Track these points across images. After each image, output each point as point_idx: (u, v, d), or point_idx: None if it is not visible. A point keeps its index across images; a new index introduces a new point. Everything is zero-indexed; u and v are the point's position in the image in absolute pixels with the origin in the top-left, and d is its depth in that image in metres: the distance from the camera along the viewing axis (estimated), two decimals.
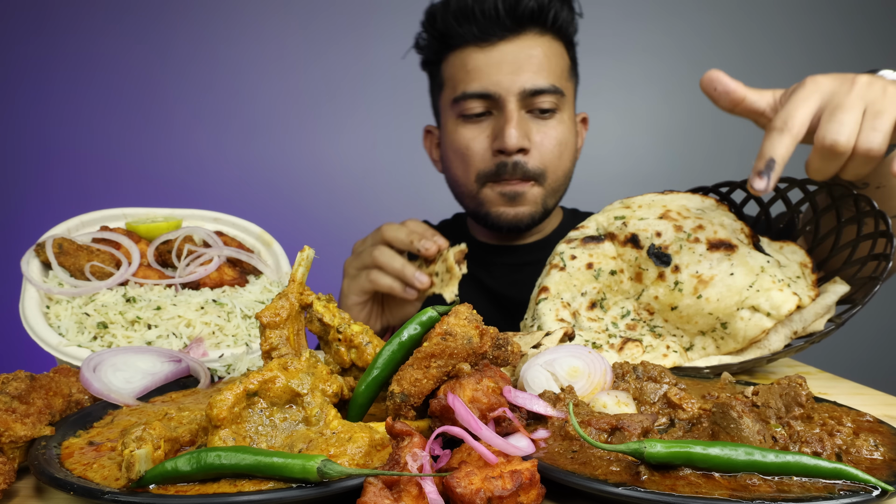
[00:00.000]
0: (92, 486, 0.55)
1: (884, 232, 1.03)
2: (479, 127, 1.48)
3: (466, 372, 0.67)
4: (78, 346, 0.96)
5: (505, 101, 1.43)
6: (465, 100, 1.46)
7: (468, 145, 1.49)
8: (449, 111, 1.53)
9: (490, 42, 1.44)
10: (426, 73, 1.66)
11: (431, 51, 1.56)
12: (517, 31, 1.44)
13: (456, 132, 1.51)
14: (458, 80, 1.49)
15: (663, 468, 0.57)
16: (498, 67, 1.43)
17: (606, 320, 1.14)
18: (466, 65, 1.47)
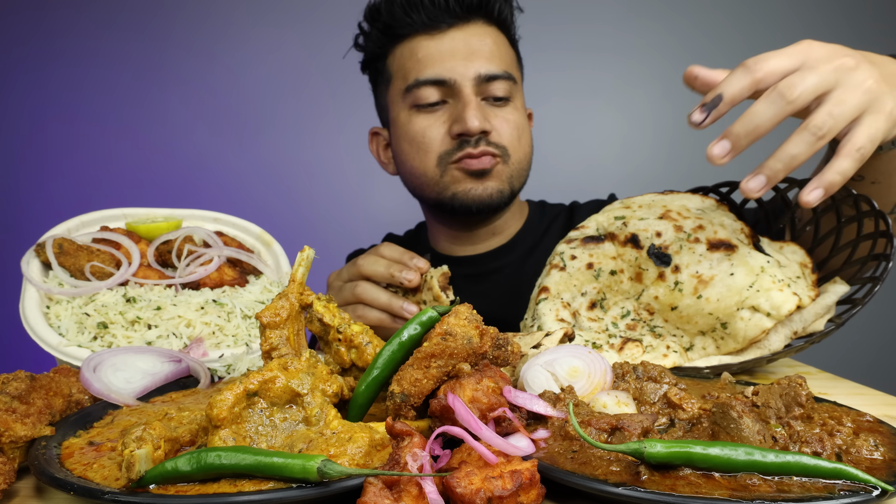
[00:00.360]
0: (92, 486, 0.55)
1: (884, 232, 1.03)
2: (434, 116, 1.46)
3: (466, 372, 0.67)
4: (78, 346, 0.96)
5: (461, 86, 1.42)
6: (419, 87, 1.44)
7: (425, 132, 1.46)
8: (400, 103, 1.50)
9: (440, 29, 1.44)
10: (367, 72, 1.63)
11: (376, 45, 1.53)
12: (465, 19, 1.45)
13: (410, 122, 1.48)
14: (409, 69, 1.46)
15: (663, 468, 0.57)
16: (451, 54, 1.43)
17: (606, 320, 1.14)
18: (417, 53, 1.45)
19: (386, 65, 1.54)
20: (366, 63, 1.61)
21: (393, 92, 1.53)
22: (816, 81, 0.88)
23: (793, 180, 1.19)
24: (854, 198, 1.08)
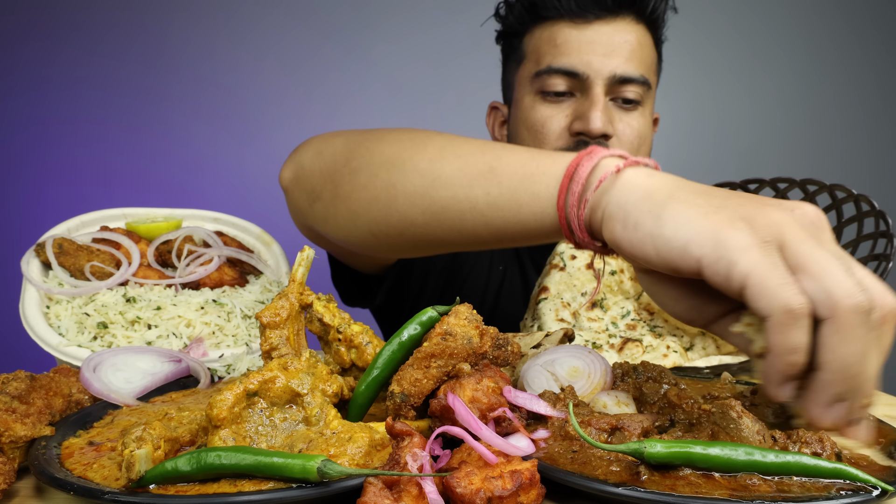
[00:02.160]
0: (92, 486, 0.55)
1: (884, 232, 1.03)
2: (559, 106, 1.40)
3: (466, 372, 0.67)
4: (78, 346, 0.96)
5: (592, 83, 1.36)
6: (550, 74, 1.38)
7: (545, 123, 1.41)
8: (527, 86, 1.45)
9: (585, 19, 1.37)
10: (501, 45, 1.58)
11: (517, 20, 1.48)
12: (614, 13, 1.38)
13: (533, 108, 1.43)
14: (544, 53, 1.40)
15: (663, 468, 0.57)
16: (590, 47, 1.36)
17: (606, 320, 1.14)
18: (556, 39, 1.39)
19: (522, 43, 1.48)
20: (502, 35, 1.56)
21: (522, 72, 1.48)
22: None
23: (792, 180, 1.19)
24: (854, 198, 1.08)
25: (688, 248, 0.61)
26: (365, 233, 0.97)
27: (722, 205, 0.63)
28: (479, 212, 0.83)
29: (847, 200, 1.10)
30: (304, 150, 1.10)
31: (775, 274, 0.57)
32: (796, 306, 0.56)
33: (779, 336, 0.57)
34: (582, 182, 0.72)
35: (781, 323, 0.56)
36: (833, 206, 1.13)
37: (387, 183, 0.91)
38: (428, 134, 0.94)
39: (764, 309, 0.57)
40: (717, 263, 0.59)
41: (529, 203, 0.78)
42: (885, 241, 1.04)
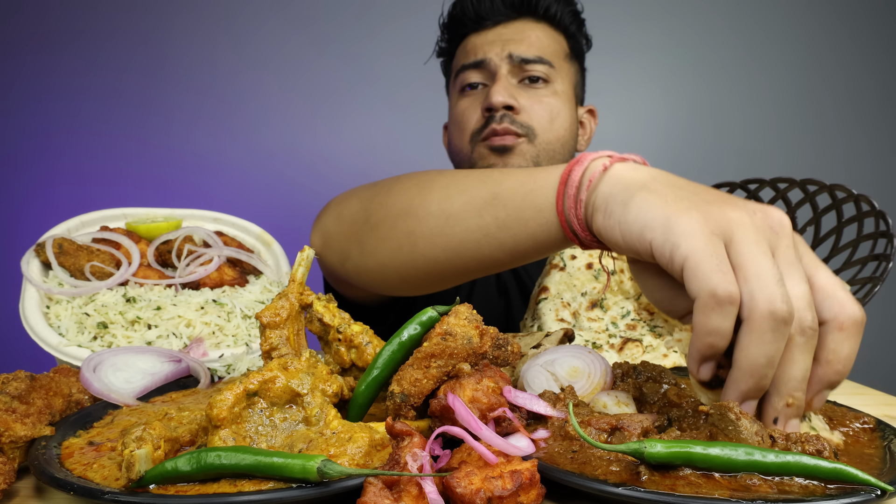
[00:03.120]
0: (92, 486, 0.55)
1: (884, 232, 1.03)
2: (474, 97, 1.58)
3: (466, 372, 0.67)
4: (78, 346, 0.96)
5: (496, 67, 1.53)
6: (463, 71, 1.58)
7: (464, 112, 1.58)
8: (454, 93, 1.65)
9: (485, 27, 1.58)
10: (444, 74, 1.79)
11: (448, 46, 1.70)
12: (511, 18, 1.57)
13: (456, 105, 1.62)
14: (459, 59, 1.62)
15: (663, 468, 0.57)
16: (491, 43, 1.56)
17: (606, 320, 1.14)
18: (466, 46, 1.60)
19: (451, 63, 1.71)
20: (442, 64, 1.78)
21: (451, 85, 1.68)
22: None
23: (792, 181, 1.19)
24: (854, 198, 1.08)
25: (643, 232, 0.66)
26: (395, 279, 1.06)
27: (686, 197, 0.67)
28: (493, 237, 0.89)
29: (847, 200, 1.10)
30: (326, 216, 1.21)
31: (711, 260, 0.60)
32: (721, 292, 0.59)
33: (701, 317, 0.60)
34: (575, 185, 0.78)
35: (705, 305, 0.59)
36: (833, 206, 1.13)
37: (406, 231, 0.99)
38: (430, 177, 1.02)
39: (693, 290, 0.60)
40: (663, 246, 0.63)
41: (535, 217, 0.84)
42: (885, 241, 1.04)
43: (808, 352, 0.60)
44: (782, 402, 0.62)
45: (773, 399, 0.62)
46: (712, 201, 0.65)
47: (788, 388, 0.61)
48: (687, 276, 0.61)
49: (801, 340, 0.60)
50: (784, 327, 0.58)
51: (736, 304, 0.59)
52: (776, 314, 0.58)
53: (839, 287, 0.63)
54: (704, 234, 0.61)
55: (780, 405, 0.62)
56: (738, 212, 0.63)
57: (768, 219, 0.64)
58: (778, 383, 0.61)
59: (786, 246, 0.63)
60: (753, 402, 0.63)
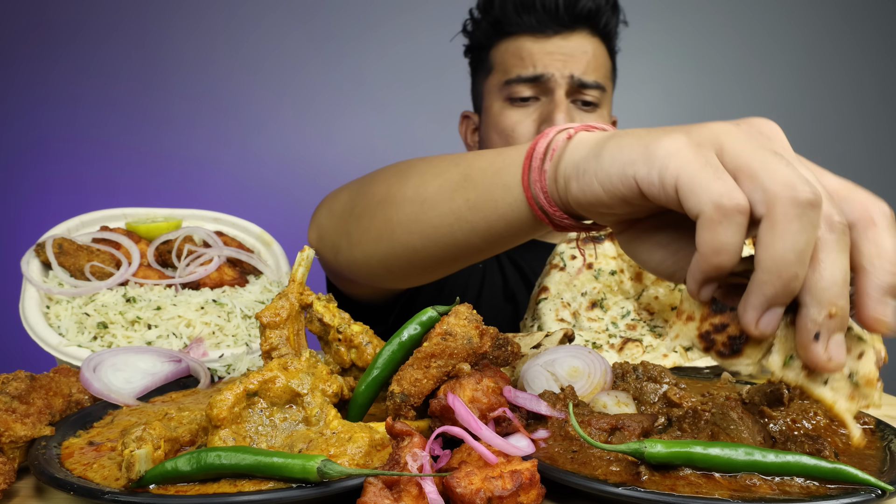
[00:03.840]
0: (92, 486, 0.55)
1: None
2: (525, 111, 1.54)
3: (466, 372, 0.67)
4: (78, 346, 0.96)
5: (555, 86, 1.50)
6: (517, 83, 1.52)
7: (514, 127, 1.54)
8: (496, 94, 1.59)
9: (545, 34, 1.52)
10: (469, 58, 1.72)
11: (483, 35, 1.62)
12: (571, 28, 1.52)
13: (502, 114, 1.56)
14: (511, 65, 1.54)
15: (663, 468, 0.57)
16: (551, 57, 1.51)
17: (606, 320, 1.14)
18: (521, 52, 1.53)
19: (489, 55, 1.62)
20: (469, 49, 1.70)
21: (491, 82, 1.61)
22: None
23: None
24: None
25: (624, 170, 0.59)
26: (381, 269, 1.04)
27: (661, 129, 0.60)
28: (465, 219, 0.86)
29: None
30: (319, 212, 1.21)
31: (706, 170, 0.53)
32: (727, 201, 0.51)
33: (707, 234, 0.52)
34: (540, 157, 0.73)
35: (710, 220, 0.52)
36: None
37: (384, 219, 0.98)
38: (410, 163, 1.01)
39: (694, 207, 0.53)
40: (650, 175, 0.56)
41: (504, 196, 0.80)
42: None
43: (842, 250, 0.51)
44: (823, 312, 0.51)
45: (812, 310, 0.52)
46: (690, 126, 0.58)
47: (829, 294, 0.51)
48: (683, 195, 0.53)
49: (832, 238, 0.51)
50: (811, 211, 0.49)
51: (745, 212, 0.51)
52: (799, 197, 0.49)
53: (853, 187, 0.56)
54: (690, 147, 0.55)
55: (822, 317, 0.51)
56: (721, 124, 0.56)
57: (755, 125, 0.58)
58: (814, 290, 0.51)
59: (783, 147, 0.56)
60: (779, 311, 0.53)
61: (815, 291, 0.51)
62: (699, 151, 0.54)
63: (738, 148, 0.54)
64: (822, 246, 0.51)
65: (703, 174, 0.53)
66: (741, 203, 0.51)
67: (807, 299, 0.52)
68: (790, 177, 0.50)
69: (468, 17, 1.66)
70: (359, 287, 1.32)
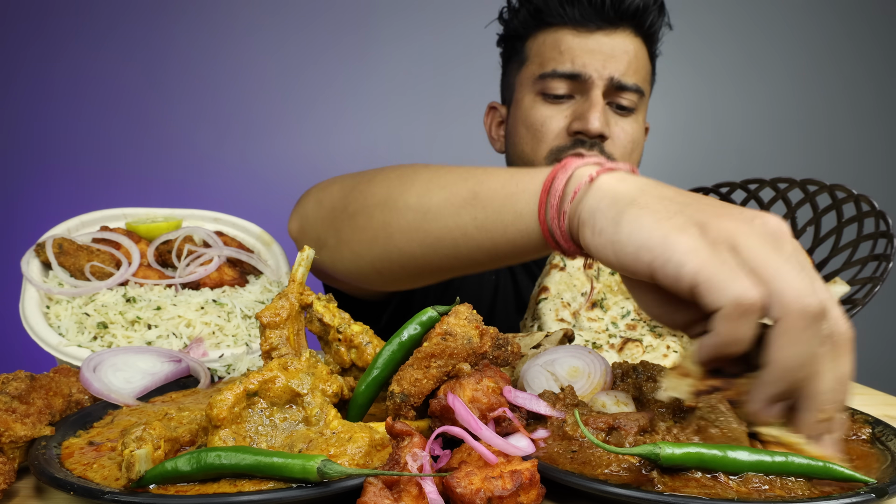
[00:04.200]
0: (92, 486, 0.55)
1: (884, 232, 1.03)
2: (558, 108, 1.47)
3: (466, 372, 0.67)
4: (78, 346, 0.96)
5: (592, 85, 1.43)
6: (553, 78, 1.45)
7: (545, 122, 1.47)
8: (528, 87, 1.52)
9: (587, 29, 1.44)
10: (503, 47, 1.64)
11: (522, 24, 1.54)
12: (615, 25, 1.45)
13: (533, 108, 1.50)
14: (548, 58, 1.47)
15: (672, 470, 0.57)
16: (591, 54, 1.43)
17: (606, 320, 1.14)
18: (560, 45, 1.46)
19: (525, 46, 1.54)
20: (504, 38, 1.62)
21: (524, 74, 1.54)
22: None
23: (792, 181, 1.19)
24: (854, 198, 1.08)
25: (639, 253, 0.63)
26: (370, 270, 1.03)
27: (679, 210, 0.63)
28: (470, 237, 0.87)
29: (847, 200, 1.10)
30: (306, 201, 1.17)
31: (725, 268, 0.57)
32: (746, 300, 0.55)
33: (726, 327, 0.57)
34: (559, 195, 0.75)
35: (730, 315, 0.56)
36: (833, 206, 1.13)
37: (382, 222, 0.96)
38: (414, 169, 0.99)
39: (713, 303, 0.57)
40: (665, 266, 0.60)
41: (515, 222, 0.81)
42: (885, 242, 1.04)
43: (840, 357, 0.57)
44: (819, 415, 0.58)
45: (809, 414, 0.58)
46: (707, 211, 0.63)
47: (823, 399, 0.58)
48: (702, 292, 0.57)
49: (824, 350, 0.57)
50: (817, 324, 0.55)
51: (760, 309, 0.56)
52: (808, 310, 0.54)
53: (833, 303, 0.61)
54: (707, 246, 0.59)
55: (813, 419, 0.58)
56: (735, 220, 0.61)
57: (767, 224, 0.62)
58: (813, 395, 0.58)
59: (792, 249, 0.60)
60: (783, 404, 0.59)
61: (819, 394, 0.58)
62: (715, 251, 0.58)
63: (753, 250, 0.58)
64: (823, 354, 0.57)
65: (722, 273, 0.57)
66: (758, 301, 0.56)
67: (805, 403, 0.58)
68: (801, 287, 0.55)
69: (505, 5, 1.57)
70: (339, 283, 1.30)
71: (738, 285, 0.56)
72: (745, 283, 0.56)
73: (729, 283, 0.56)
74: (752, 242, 0.59)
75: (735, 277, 0.56)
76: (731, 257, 0.58)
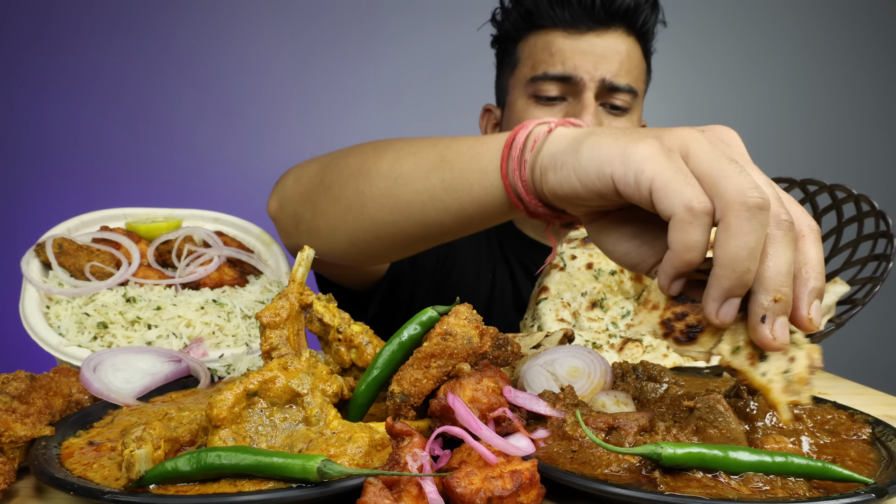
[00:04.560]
0: (92, 486, 0.55)
1: (884, 232, 1.03)
2: (551, 110, 1.47)
3: (466, 372, 0.67)
4: (78, 346, 0.96)
5: (584, 88, 1.42)
6: (545, 81, 1.45)
7: None
8: (521, 90, 1.51)
9: (578, 30, 1.44)
10: (496, 49, 1.64)
11: (514, 27, 1.54)
12: (606, 25, 1.44)
13: (526, 111, 1.50)
14: (540, 60, 1.47)
15: (674, 470, 0.57)
16: (583, 55, 1.43)
17: (606, 320, 1.14)
18: (551, 47, 1.45)
19: (517, 48, 1.54)
20: (497, 40, 1.62)
21: (517, 76, 1.53)
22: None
23: (792, 181, 1.19)
24: (854, 198, 1.08)
25: (601, 168, 0.66)
26: (345, 243, 1.05)
27: (634, 131, 0.67)
28: (439, 199, 0.89)
29: (847, 200, 1.10)
30: (285, 179, 1.19)
31: (678, 176, 0.60)
32: (696, 205, 0.59)
33: (679, 234, 0.60)
34: (519, 147, 0.78)
35: (682, 220, 0.59)
36: (833, 206, 1.13)
37: (356, 191, 0.98)
38: (388, 141, 1.01)
39: (667, 209, 0.60)
40: (626, 175, 0.63)
41: (480, 180, 0.84)
42: (885, 242, 1.04)
43: (788, 244, 0.59)
44: (769, 297, 0.59)
45: (760, 296, 0.60)
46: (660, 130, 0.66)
47: (774, 283, 0.59)
48: (657, 197, 0.60)
49: (779, 234, 0.59)
50: (760, 214, 0.57)
51: (710, 213, 0.59)
52: (748, 202, 0.57)
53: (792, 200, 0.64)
54: (663, 152, 0.62)
55: (768, 301, 0.59)
56: (688, 130, 0.64)
57: (717, 133, 0.66)
58: (762, 279, 0.59)
59: (740, 153, 0.64)
60: (736, 301, 0.60)
61: (764, 280, 0.59)
62: (670, 157, 0.62)
63: (702, 155, 0.61)
64: (771, 241, 0.59)
65: (675, 180, 0.60)
66: (707, 206, 0.59)
67: (756, 287, 0.60)
68: (743, 184, 0.58)
69: (498, 6, 1.57)
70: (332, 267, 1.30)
71: (689, 190, 0.59)
72: (695, 188, 0.59)
73: (680, 189, 0.59)
74: (703, 147, 0.62)
75: (686, 183, 0.59)
76: (684, 164, 0.61)
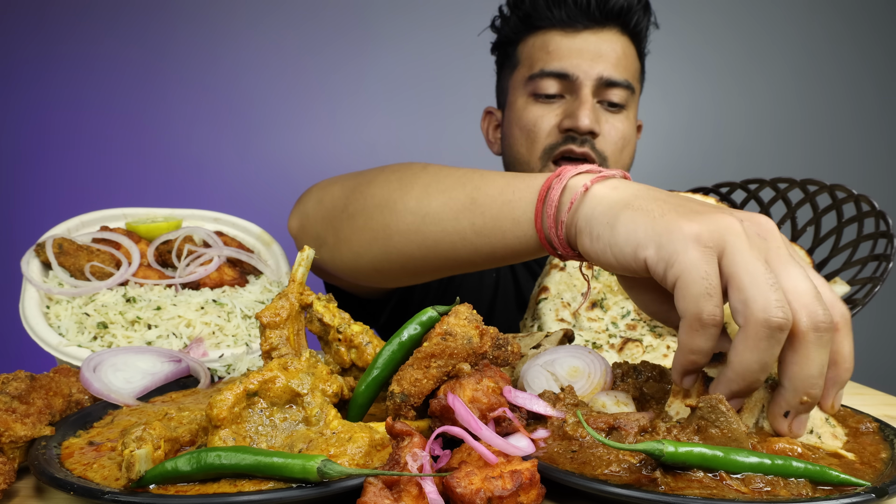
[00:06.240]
0: (92, 486, 0.55)
1: (884, 232, 1.03)
2: (549, 107, 1.50)
3: (466, 372, 0.67)
4: (78, 346, 0.96)
5: (581, 84, 1.46)
6: (542, 78, 1.49)
7: (536, 122, 1.51)
8: (521, 89, 1.56)
9: (575, 29, 1.48)
10: (496, 54, 1.69)
11: (512, 30, 1.59)
12: (601, 24, 1.49)
13: (526, 109, 1.53)
14: (537, 59, 1.51)
15: (671, 470, 0.57)
16: (579, 52, 1.47)
17: (606, 320, 1.14)
18: (548, 45, 1.50)
19: (516, 50, 1.59)
20: (497, 45, 1.67)
21: (516, 77, 1.58)
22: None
23: (792, 181, 1.19)
24: (854, 198, 1.08)
25: (636, 252, 0.67)
26: (369, 269, 1.06)
27: (672, 209, 0.67)
28: (469, 241, 0.90)
29: (847, 200, 1.10)
30: (307, 199, 1.20)
31: (701, 283, 0.61)
32: (705, 317, 0.61)
33: (685, 336, 0.62)
34: (555, 205, 0.78)
35: (690, 326, 0.62)
36: (833, 206, 1.13)
37: (382, 224, 0.99)
38: (413, 171, 1.02)
39: (681, 309, 0.62)
40: (657, 264, 0.65)
41: (512, 228, 0.85)
42: (885, 241, 1.04)
43: (824, 347, 0.60)
44: (797, 398, 0.61)
45: (788, 394, 0.61)
46: (699, 211, 0.66)
47: (805, 385, 0.61)
48: (677, 295, 0.62)
49: (814, 337, 0.59)
50: (779, 334, 0.58)
51: (719, 325, 0.61)
52: (771, 322, 0.58)
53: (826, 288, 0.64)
54: (697, 249, 0.62)
55: (795, 401, 0.61)
56: (727, 219, 0.64)
57: (756, 225, 0.65)
58: (793, 378, 0.61)
59: (776, 248, 0.64)
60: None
61: (795, 380, 0.61)
62: (703, 256, 0.62)
63: (738, 256, 0.61)
64: (807, 343, 0.60)
65: (697, 286, 0.61)
66: (718, 320, 0.61)
67: (786, 383, 0.62)
68: (770, 300, 0.58)
69: (497, 14, 1.63)
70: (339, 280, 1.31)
71: (703, 302, 0.61)
72: (710, 301, 0.61)
73: (697, 297, 0.61)
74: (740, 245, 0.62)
75: (705, 293, 0.61)
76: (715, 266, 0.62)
